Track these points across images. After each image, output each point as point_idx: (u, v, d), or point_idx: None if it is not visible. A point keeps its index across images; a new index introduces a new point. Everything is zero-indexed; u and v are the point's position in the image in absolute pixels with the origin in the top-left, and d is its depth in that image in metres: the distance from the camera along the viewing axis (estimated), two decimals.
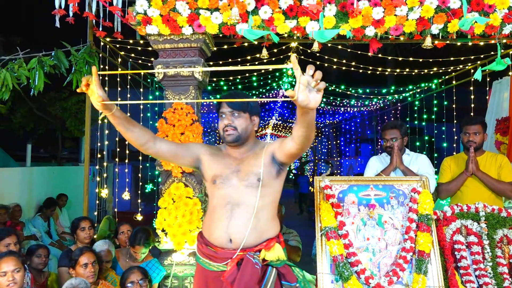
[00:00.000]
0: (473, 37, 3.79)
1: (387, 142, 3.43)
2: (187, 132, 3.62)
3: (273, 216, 2.21)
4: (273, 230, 2.20)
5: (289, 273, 2.18)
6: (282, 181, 2.22)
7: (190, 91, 3.73)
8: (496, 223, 2.97)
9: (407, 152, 3.52)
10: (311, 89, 1.49)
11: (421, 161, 3.46)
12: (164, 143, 2.21)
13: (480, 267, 2.81)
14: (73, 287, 2.58)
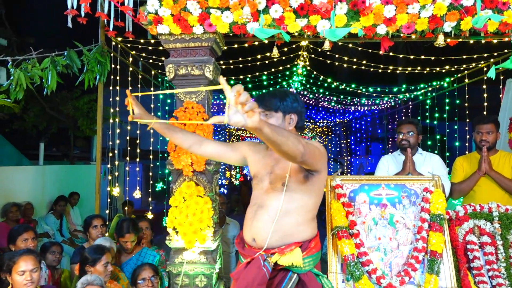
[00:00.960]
0: (486, 35, 3.74)
1: (403, 135, 3.41)
2: (198, 131, 3.63)
3: (304, 221, 2.11)
4: (301, 234, 2.11)
5: (312, 281, 2.08)
6: (314, 186, 2.11)
7: (201, 90, 3.73)
8: (510, 223, 2.94)
9: (419, 151, 3.49)
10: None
11: (434, 162, 3.43)
12: (210, 145, 2.28)
13: (493, 268, 2.78)
14: (88, 283, 2.61)
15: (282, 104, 2.17)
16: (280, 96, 2.19)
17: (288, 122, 2.19)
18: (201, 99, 3.74)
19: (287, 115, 2.19)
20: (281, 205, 2.05)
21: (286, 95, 2.21)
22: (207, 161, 3.61)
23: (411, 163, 3.27)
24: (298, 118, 2.23)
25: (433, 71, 6.63)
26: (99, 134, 5.09)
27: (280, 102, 2.17)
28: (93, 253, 3.00)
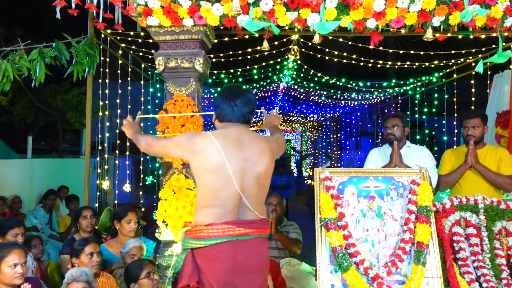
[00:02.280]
0: (475, 30, 3.79)
1: (389, 129, 3.46)
2: (187, 124, 3.63)
3: (196, 208, 2.36)
4: (193, 218, 2.41)
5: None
6: (195, 177, 2.39)
7: (191, 83, 3.73)
8: (495, 215, 2.99)
9: (407, 144, 3.53)
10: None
11: (422, 154, 3.48)
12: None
13: (478, 259, 2.83)
14: (74, 279, 2.59)
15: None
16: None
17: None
18: (191, 92, 3.73)
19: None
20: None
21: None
22: None
23: (398, 156, 3.32)
24: (217, 111, 2.42)
25: (422, 66, 6.68)
26: (88, 128, 5.06)
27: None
28: (76, 244, 2.99)
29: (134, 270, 2.87)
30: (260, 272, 2.30)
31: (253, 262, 2.24)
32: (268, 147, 2.36)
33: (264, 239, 2.34)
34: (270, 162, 2.33)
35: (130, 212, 3.62)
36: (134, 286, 2.84)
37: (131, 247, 3.36)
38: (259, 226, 2.28)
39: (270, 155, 2.34)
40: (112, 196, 8.44)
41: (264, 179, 2.33)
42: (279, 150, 2.53)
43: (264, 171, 2.30)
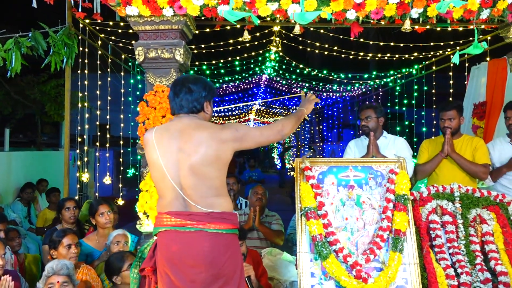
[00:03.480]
0: (452, 22, 3.85)
1: (363, 121, 3.51)
2: (168, 115, 3.60)
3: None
4: None
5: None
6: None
7: (172, 73, 3.70)
8: (470, 203, 3.07)
9: (384, 134, 3.59)
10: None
11: (398, 144, 3.54)
12: None
13: (454, 245, 2.91)
14: (54, 272, 2.55)
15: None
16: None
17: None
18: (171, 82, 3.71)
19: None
20: None
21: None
22: None
23: (375, 146, 3.37)
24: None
25: (402, 58, 6.77)
26: (67, 120, 4.99)
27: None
28: (54, 235, 2.95)
29: (115, 263, 2.85)
30: (203, 268, 2.14)
31: (190, 255, 2.14)
32: (210, 137, 2.19)
33: (209, 234, 2.16)
34: (209, 151, 2.17)
35: (100, 206, 3.60)
36: (116, 278, 2.83)
37: (115, 235, 3.35)
38: (202, 219, 2.15)
39: (210, 144, 2.18)
40: (93, 189, 8.35)
41: (201, 170, 2.17)
42: (243, 141, 2.27)
43: (199, 162, 2.16)
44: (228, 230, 2.21)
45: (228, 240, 2.21)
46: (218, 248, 2.16)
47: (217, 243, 2.17)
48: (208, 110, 2.38)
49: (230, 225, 2.22)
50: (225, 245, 2.19)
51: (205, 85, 2.38)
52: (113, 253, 3.09)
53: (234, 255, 2.24)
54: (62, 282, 2.52)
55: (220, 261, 2.16)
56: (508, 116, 3.52)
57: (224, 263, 2.17)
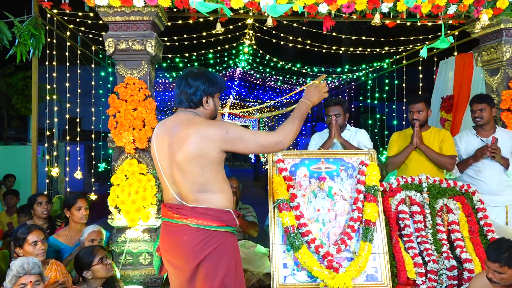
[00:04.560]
0: (421, 17, 3.94)
1: (329, 118, 3.56)
2: (139, 108, 3.56)
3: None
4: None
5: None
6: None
7: (143, 66, 3.65)
8: (437, 193, 3.17)
9: (348, 128, 3.68)
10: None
11: (360, 136, 3.63)
12: None
13: (421, 234, 3.00)
14: (26, 272, 2.45)
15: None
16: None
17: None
18: (143, 75, 3.66)
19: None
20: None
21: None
22: (150, 138, 3.56)
23: (336, 130, 3.45)
24: (212, 102, 2.36)
25: (374, 52, 6.87)
26: (34, 113, 4.85)
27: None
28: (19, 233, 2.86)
29: (85, 258, 2.80)
30: (183, 260, 2.18)
31: (174, 246, 2.22)
32: (195, 133, 2.15)
33: (191, 228, 2.17)
34: (190, 148, 2.13)
35: (79, 199, 3.53)
36: (87, 273, 2.78)
37: (89, 232, 3.28)
38: (187, 214, 2.17)
39: (193, 141, 2.14)
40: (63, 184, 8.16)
41: (184, 166, 2.16)
42: (233, 144, 2.17)
43: (182, 158, 2.15)
44: (211, 227, 2.16)
45: (210, 237, 2.16)
46: (196, 242, 2.16)
47: (196, 237, 2.16)
48: (208, 105, 2.28)
49: (214, 222, 2.16)
50: (205, 241, 2.16)
51: (206, 79, 2.27)
52: (82, 248, 3.03)
53: (218, 253, 2.17)
54: (35, 281, 2.45)
55: (198, 256, 2.15)
56: (474, 110, 3.63)
57: (202, 258, 2.15)
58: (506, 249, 2.33)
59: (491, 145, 3.49)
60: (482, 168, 3.58)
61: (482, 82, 4.36)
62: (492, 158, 3.52)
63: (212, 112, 2.33)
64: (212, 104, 2.30)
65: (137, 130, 3.54)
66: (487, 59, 4.07)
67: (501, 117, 3.82)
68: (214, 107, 2.32)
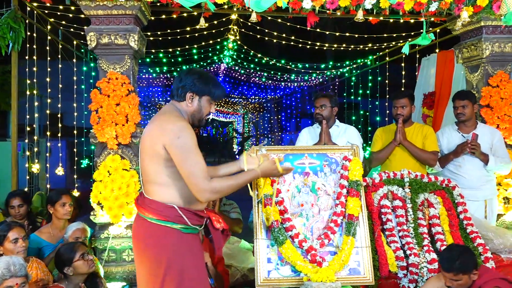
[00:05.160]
0: (404, 14, 3.98)
1: (317, 109, 3.57)
2: (122, 103, 3.52)
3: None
4: None
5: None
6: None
7: (126, 60, 3.61)
8: (418, 188, 3.22)
9: (336, 123, 3.68)
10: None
11: (350, 133, 3.64)
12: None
13: (403, 228, 3.04)
14: (12, 274, 2.38)
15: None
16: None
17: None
18: (126, 70, 3.62)
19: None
20: None
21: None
22: (133, 133, 3.53)
23: (327, 134, 3.44)
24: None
25: (357, 48, 6.93)
26: (14, 108, 4.77)
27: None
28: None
29: (66, 254, 2.76)
30: (135, 249, 2.29)
31: (132, 234, 2.31)
32: (155, 126, 2.18)
33: (140, 218, 2.22)
34: (146, 140, 2.18)
35: (64, 195, 3.47)
36: (68, 269, 2.74)
37: (74, 230, 3.23)
38: (140, 203, 2.23)
39: (150, 134, 2.18)
40: (44, 180, 8.02)
41: (142, 155, 2.22)
42: (172, 154, 2.11)
43: (141, 147, 2.24)
44: (152, 219, 2.16)
45: (151, 229, 2.16)
46: (139, 232, 2.23)
47: (139, 227, 2.23)
48: (192, 104, 2.24)
49: (154, 214, 2.15)
50: (146, 232, 2.19)
51: (199, 77, 2.24)
52: (63, 244, 2.99)
53: (158, 246, 2.14)
54: (21, 283, 2.39)
55: (140, 246, 2.23)
56: (456, 106, 3.68)
57: (144, 249, 2.20)
58: (457, 257, 2.40)
59: (471, 141, 3.55)
60: (463, 164, 3.65)
61: (463, 78, 4.43)
62: (472, 154, 3.58)
63: (194, 112, 2.27)
64: (196, 104, 2.25)
65: (120, 126, 3.50)
66: (467, 56, 4.14)
67: (480, 113, 3.90)
68: (198, 108, 2.26)
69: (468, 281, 2.43)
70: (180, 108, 2.26)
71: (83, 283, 2.81)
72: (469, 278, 2.43)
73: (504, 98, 3.87)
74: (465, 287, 2.44)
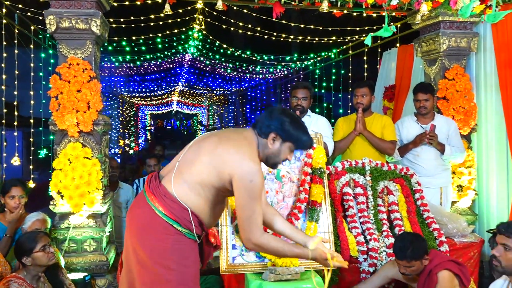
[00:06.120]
0: (367, 7, 4.08)
1: (299, 100, 3.63)
2: (84, 90, 3.43)
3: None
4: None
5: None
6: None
7: (87, 46, 3.52)
8: (378, 176, 3.34)
9: (308, 113, 3.76)
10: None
11: (320, 124, 3.73)
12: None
13: (364, 215, 3.15)
14: None
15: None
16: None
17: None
18: (88, 56, 3.53)
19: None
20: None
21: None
22: (95, 121, 3.45)
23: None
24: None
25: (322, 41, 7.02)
26: None
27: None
28: None
29: (27, 243, 2.67)
30: (133, 238, 2.12)
31: (129, 217, 2.20)
32: (231, 150, 2.05)
33: (149, 208, 2.07)
34: (217, 154, 2.06)
35: (13, 188, 3.32)
36: (26, 260, 2.65)
37: (33, 221, 3.13)
38: (153, 190, 2.09)
39: (223, 153, 2.05)
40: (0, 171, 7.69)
41: (198, 157, 2.13)
42: (240, 183, 2.00)
43: (203, 150, 2.13)
44: (161, 213, 2.04)
45: (154, 220, 2.05)
46: (144, 220, 2.10)
47: (145, 215, 2.09)
48: (273, 145, 2.07)
49: (166, 210, 2.05)
50: (148, 223, 2.08)
51: (288, 122, 2.07)
52: (25, 232, 2.89)
53: (162, 241, 2.03)
54: None
55: (142, 235, 2.10)
56: (419, 99, 3.78)
57: (145, 238, 2.08)
58: (409, 245, 2.52)
59: (429, 132, 3.70)
60: (420, 153, 3.79)
61: (422, 72, 4.60)
62: (430, 144, 3.73)
63: (272, 155, 2.09)
64: (277, 147, 2.08)
65: (81, 113, 3.41)
66: (426, 50, 4.29)
67: (437, 104, 4.06)
68: (278, 152, 2.09)
69: (420, 266, 2.55)
70: (260, 142, 2.09)
71: (43, 273, 2.74)
72: (421, 264, 2.55)
73: (459, 91, 4.05)
74: (417, 272, 2.56)
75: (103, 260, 3.50)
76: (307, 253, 2.15)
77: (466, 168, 4.04)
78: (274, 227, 2.26)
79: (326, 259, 2.15)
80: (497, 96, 3.95)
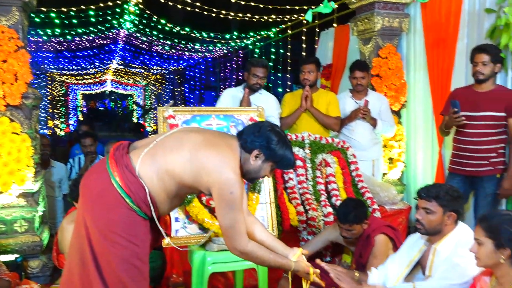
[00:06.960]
0: None
1: (258, 79, 3.65)
2: (10, 60, 3.20)
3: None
4: None
5: None
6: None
7: (13, 12, 3.27)
8: (317, 149, 3.46)
9: (260, 91, 3.83)
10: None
11: (270, 102, 3.83)
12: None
13: (303, 186, 3.27)
14: None
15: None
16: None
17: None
18: (14, 23, 3.29)
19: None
20: None
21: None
22: (23, 94, 3.24)
23: (246, 102, 3.62)
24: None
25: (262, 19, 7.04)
26: None
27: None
28: None
29: None
30: (85, 205, 2.01)
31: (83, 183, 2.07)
32: (212, 154, 1.98)
33: (108, 178, 1.95)
34: (196, 153, 2.00)
35: None
36: None
37: None
38: (116, 158, 1.98)
39: (202, 156, 1.99)
40: None
41: (175, 150, 2.03)
42: (219, 192, 1.96)
43: (181, 142, 2.04)
44: (117, 184, 1.94)
45: (107, 188, 1.95)
46: (96, 187, 1.99)
47: (101, 181, 1.97)
48: (254, 161, 1.99)
49: (123, 183, 1.95)
50: (102, 190, 1.97)
51: (275, 142, 1.98)
52: None
53: (115, 214, 1.94)
54: None
55: (94, 202, 1.99)
56: (356, 77, 3.90)
57: (95, 208, 1.98)
58: (352, 209, 2.67)
59: (363, 108, 3.87)
60: (355, 127, 3.97)
61: (357, 51, 4.77)
62: (363, 119, 3.92)
63: (251, 171, 2.02)
64: (258, 164, 2.00)
65: (8, 85, 3.19)
66: (361, 29, 4.46)
67: (371, 81, 4.26)
68: (258, 169, 2.02)
69: (360, 230, 2.71)
70: (242, 155, 2.01)
71: None
72: (361, 227, 2.70)
73: (391, 69, 4.27)
74: (357, 235, 2.72)
75: (36, 241, 3.35)
76: (290, 264, 2.14)
77: (396, 142, 4.29)
78: (255, 236, 2.21)
79: (308, 273, 2.16)
80: (425, 75, 4.21)
